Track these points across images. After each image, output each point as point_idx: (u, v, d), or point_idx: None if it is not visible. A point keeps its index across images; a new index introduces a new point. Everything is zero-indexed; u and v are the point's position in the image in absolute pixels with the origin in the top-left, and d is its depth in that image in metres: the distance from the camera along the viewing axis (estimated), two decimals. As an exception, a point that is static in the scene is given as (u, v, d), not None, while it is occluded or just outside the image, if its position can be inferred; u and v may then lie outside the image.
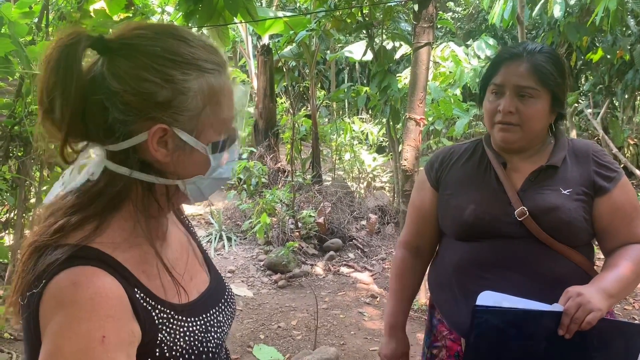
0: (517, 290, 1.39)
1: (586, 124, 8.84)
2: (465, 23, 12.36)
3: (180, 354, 0.86)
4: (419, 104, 4.07)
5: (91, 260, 0.78)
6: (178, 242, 0.99)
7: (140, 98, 0.80)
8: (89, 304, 0.75)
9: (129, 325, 0.79)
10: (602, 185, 1.44)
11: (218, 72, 0.86)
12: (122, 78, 0.80)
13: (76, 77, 0.78)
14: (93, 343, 0.73)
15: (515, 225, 1.44)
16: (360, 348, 3.68)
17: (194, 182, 0.88)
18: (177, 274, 0.91)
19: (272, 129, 7.70)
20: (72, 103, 0.79)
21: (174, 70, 0.81)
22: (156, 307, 0.84)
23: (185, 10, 3.54)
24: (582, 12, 6.97)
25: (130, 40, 0.82)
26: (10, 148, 3.71)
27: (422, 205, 1.66)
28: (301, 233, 5.69)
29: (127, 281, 0.81)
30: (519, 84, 1.43)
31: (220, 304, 0.99)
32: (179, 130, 0.83)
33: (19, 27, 3.08)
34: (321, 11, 5.55)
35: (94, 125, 0.82)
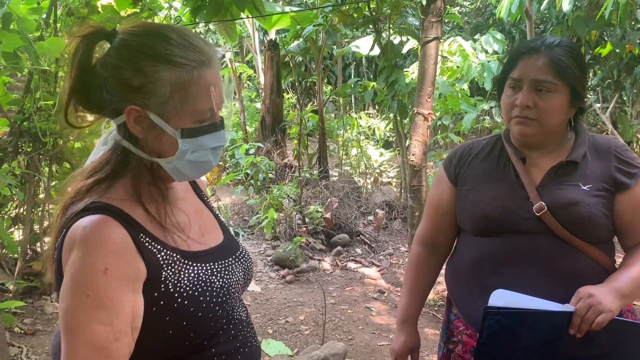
0: (535, 286, 1.38)
1: (595, 118, 8.78)
2: (472, 17, 12.29)
3: (184, 290, 0.99)
4: (427, 98, 4.05)
5: (100, 210, 0.95)
6: (194, 208, 1.17)
7: (119, 83, 0.98)
8: (94, 241, 0.91)
9: (132, 262, 0.94)
10: (623, 182, 1.42)
11: (192, 67, 0.99)
12: (107, 67, 0.99)
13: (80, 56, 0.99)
14: (97, 274, 0.89)
15: (533, 221, 1.42)
16: (368, 343, 3.69)
17: (170, 162, 1.02)
18: (185, 227, 1.07)
19: (279, 125, 7.70)
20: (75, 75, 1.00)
21: (144, 62, 0.97)
22: (161, 250, 0.99)
23: (193, 6, 3.54)
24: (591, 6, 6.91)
25: (123, 35, 1.00)
26: (19, 144, 3.73)
27: (440, 201, 1.64)
28: (308, 228, 5.69)
29: (131, 226, 0.97)
30: (537, 78, 1.42)
31: (231, 259, 1.14)
32: (150, 113, 0.99)
33: (28, 23, 3.09)
34: (328, 6, 5.53)
35: (94, 99, 1.02)
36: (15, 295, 3.70)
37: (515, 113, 1.45)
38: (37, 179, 3.86)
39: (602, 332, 1.30)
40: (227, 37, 4.13)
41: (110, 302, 0.89)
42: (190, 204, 1.17)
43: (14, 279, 3.72)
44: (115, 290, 0.89)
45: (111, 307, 0.89)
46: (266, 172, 6.84)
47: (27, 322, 3.56)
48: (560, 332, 1.32)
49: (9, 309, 3.39)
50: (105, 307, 0.88)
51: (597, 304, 1.28)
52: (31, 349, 3.28)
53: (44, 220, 3.94)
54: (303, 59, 7.65)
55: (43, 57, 3.21)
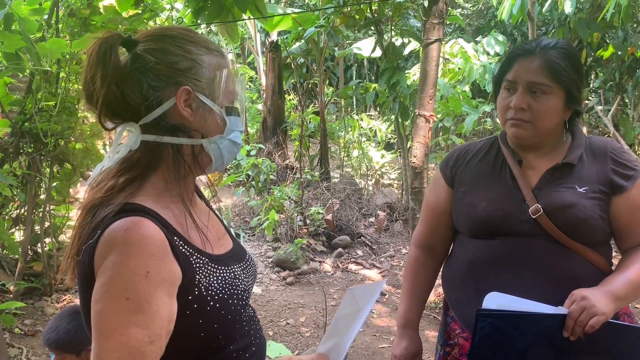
0: (531, 289, 1.38)
1: (597, 121, 8.77)
2: (474, 19, 12.29)
3: (215, 293, 1.00)
4: (429, 100, 4.05)
5: (137, 212, 0.94)
6: (203, 210, 1.18)
7: (167, 67, 1.01)
8: (136, 244, 0.90)
9: (170, 266, 0.93)
10: (619, 184, 1.42)
11: (222, 56, 1.08)
12: (152, 52, 1.01)
13: (113, 57, 0.98)
14: (138, 277, 0.88)
15: (529, 223, 1.42)
16: (369, 345, 3.68)
17: (215, 141, 1.06)
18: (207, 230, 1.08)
19: (280, 126, 7.70)
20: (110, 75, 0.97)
21: (190, 46, 1.03)
22: (193, 254, 1.00)
23: (194, 7, 3.55)
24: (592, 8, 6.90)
25: (153, 33, 1.05)
26: (20, 144, 3.73)
27: (437, 204, 1.64)
28: (309, 230, 5.68)
29: (167, 229, 0.96)
30: (531, 80, 1.41)
31: (243, 262, 1.15)
32: (199, 94, 1.03)
33: (29, 23, 3.10)
34: (330, 7, 5.54)
35: (130, 97, 1.00)
36: (16, 296, 3.70)
37: (510, 115, 1.45)
38: (38, 179, 3.86)
39: (596, 335, 1.29)
40: (228, 39, 4.13)
41: (148, 306, 0.88)
42: (204, 208, 1.19)
43: (14, 279, 3.72)
44: (153, 294, 0.89)
45: (149, 310, 0.88)
46: (267, 173, 6.84)
47: (28, 323, 3.56)
48: (554, 334, 1.32)
49: (10, 309, 3.39)
50: (144, 311, 0.88)
51: (590, 306, 1.27)
52: (31, 350, 3.28)
53: (44, 221, 3.94)
54: (305, 61, 7.64)
55: (44, 57, 3.21)
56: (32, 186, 3.82)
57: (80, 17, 3.73)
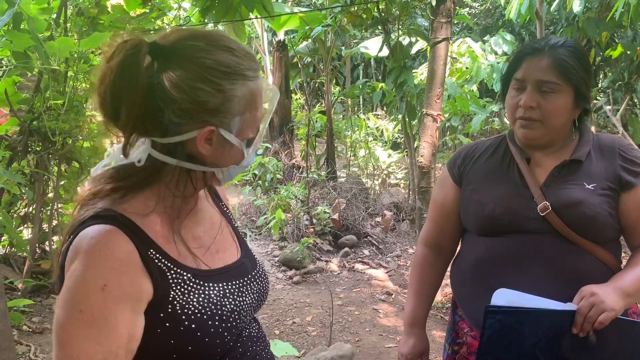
0: (540, 286, 1.37)
1: (605, 120, 8.72)
2: (482, 19, 12.25)
3: (192, 312, 0.93)
4: (437, 99, 4.04)
5: (109, 220, 0.90)
6: (210, 219, 1.10)
7: (194, 105, 0.91)
8: (97, 255, 0.86)
9: (136, 280, 0.88)
10: (628, 180, 1.41)
11: (257, 77, 0.97)
12: (180, 88, 0.89)
13: (140, 85, 0.88)
14: (94, 289, 0.84)
15: (538, 221, 1.41)
16: (376, 345, 3.67)
17: (228, 169, 1.00)
18: (202, 244, 1.02)
19: (287, 125, 7.70)
20: (137, 109, 0.89)
21: (224, 80, 0.92)
22: (171, 269, 0.94)
23: (202, 6, 3.55)
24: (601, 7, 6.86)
25: (185, 51, 0.92)
26: (29, 143, 3.75)
27: (444, 202, 1.64)
28: (316, 229, 5.68)
29: (140, 241, 0.91)
30: (540, 79, 1.41)
31: (247, 278, 1.08)
32: (224, 131, 0.94)
33: (38, 22, 3.11)
34: (337, 6, 5.53)
35: (150, 124, 0.92)
36: (24, 294, 3.72)
37: (519, 114, 1.44)
38: (46, 178, 3.88)
39: (606, 331, 1.29)
40: (235, 38, 4.13)
41: (104, 321, 0.84)
42: (207, 216, 1.10)
43: (22, 277, 3.74)
44: (110, 308, 0.84)
45: (104, 325, 0.84)
46: (274, 172, 6.85)
47: (36, 321, 3.58)
48: (563, 331, 1.31)
49: (18, 307, 3.41)
50: (98, 325, 0.84)
51: (599, 302, 1.27)
52: (39, 347, 3.29)
53: (52, 219, 3.96)
54: (311, 60, 7.64)
55: (53, 56, 3.22)
56: (40, 184, 3.84)
57: (89, 16, 3.75)
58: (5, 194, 3.82)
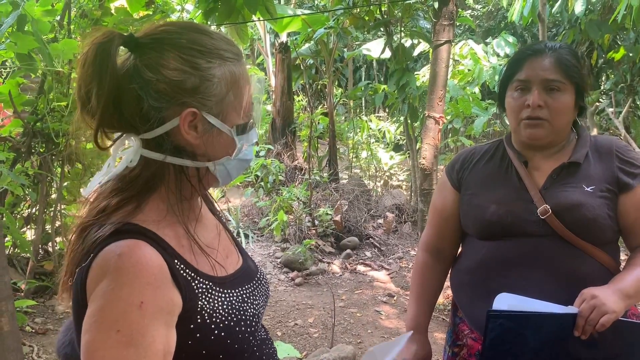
0: (541, 289, 1.37)
1: (607, 123, 8.71)
2: (484, 21, 12.25)
3: (220, 321, 0.91)
4: (439, 102, 4.04)
5: (134, 234, 0.86)
6: (212, 224, 1.08)
7: (171, 85, 0.88)
8: (130, 271, 0.81)
9: (168, 293, 0.85)
10: (626, 182, 1.42)
11: (237, 61, 0.95)
12: (154, 68, 0.88)
13: (110, 70, 0.86)
14: (131, 307, 0.80)
15: (538, 224, 1.42)
16: (377, 346, 3.67)
17: (222, 163, 0.96)
18: (213, 250, 0.99)
19: (289, 127, 7.71)
20: (107, 93, 0.86)
21: (200, 59, 0.90)
22: (195, 278, 0.91)
23: (205, 8, 3.56)
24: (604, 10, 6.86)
25: (159, 35, 0.91)
26: (32, 144, 3.76)
27: (444, 207, 1.65)
28: (318, 231, 5.69)
29: (167, 252, 0.88)
30: (547, 78, 1.43)
31: (254, 282, 1.07)
32: (207, 114, 0.91)
33: (42, 24, 3.13)
34: (339, 9, 5.54)
35: (130, 114, 0.89)
36: (27, 295, 3.73)
37: (526, 114, 1.45)
38: (49, 179, 3.89)
39: (607, 333, 1.29)
40: (238, 40, 4.14)
41: (142, 339, 0.80)
42: (212, 224, 1.08)
43: (25, 278, 3.76)
44: (147, 326, 0.81)
45: (141, 343, 0.80)
46: (276, 174, 6.86)
47: (39, 322, 3.59)
48: (565, 334, 1.31)
49: (21, 308, 3.42)
50: (136, 344, 0.80)
51: (600, 304, 1.27)
52: (42, 348, 3.30)
53: (55, 220, 3.97)
54: (314, 62, 7.66)
55: (57, 58, 3.24)
56: (43, 186, 3.85)
57: (92, 18, 3.77)
58: (9, 195, 3.83)
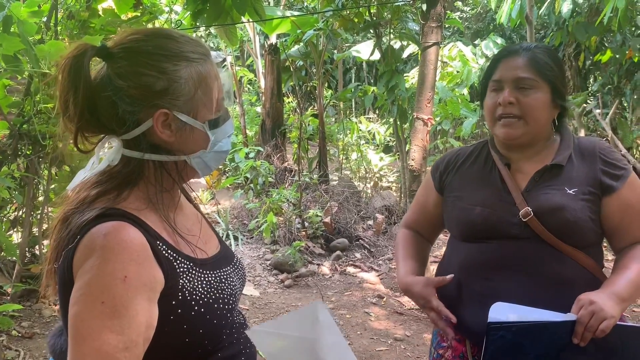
0: (523, 292, 1.38)
1: (595, 124, 8.79)
2: (473, 23, 12.32)
3: (200, 298, 0.99)
4: (427, 103, 4.06)
5: (118, 217, 0.94)
6: (193, 214, 1.17)
7: (141, 90, 0.96)
8: (115, 248, 0.89)
9: (151, 270, 0.92)
10: (609, 185, 1.42)
11: (203, 60, 1.02)
12: (124, 76, 0.96)
13: (84, 81, 0.95)
14: (115, 280, 0.87)
15: (520, 226, 1.42)
16: (367, 348, 3.68)
17: (199, 156, 1.04)
18: (193, 236, 1.07)
19: (279, 129, 7.70)
20: (81, 101, 0.96)
21: (166, 63, 0.98)
22: (177, 259, 0.99)
23: (193, 10, 3.55)
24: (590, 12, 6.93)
25: (127, 44, 0.99)
26: (19, 146, 3.73)
27: (425, 204, 1.70)
28: (308, 232, 5.68)
29: (149, 234, 0.95)
30: (517, 76, 1.44)
31: (231, 265, 1.15)
32: (178, 113, 0.99)
33: (28, 26, 3.10)
34: (329, 10, 5.55)
35: (106, 119, 0.98)
36: (13, 298, 3.69)
37: (499, 112, 1.46)
38: (36, 181, 3.86)
39: (608, 338, 1.28)
40: (227, 41, 4.14)
41: (125, 311, 0.87)
42: (192, 212, 1.18)
43: (12, 281, 3.72)
44: (131, 299, 0.88)
45: (125, 315, 0.87)
46: (266, 176, 6.85)
47: (25, 325, 3.55)
48: (564, 342, 1.31)
49: (7, 312, 3.38)
50: (119, 316, 0.86)
51: (599, 310, 1.26)
52: (29, 352, 3.27)
53: (42, 223, 3.94)
54: (304, 63, 7.66)
55: (43, 60, 3.21)
56: (30, 188, 3.82)
57: (79, 20, 3.74)
58: (-5, 198, 3.79)
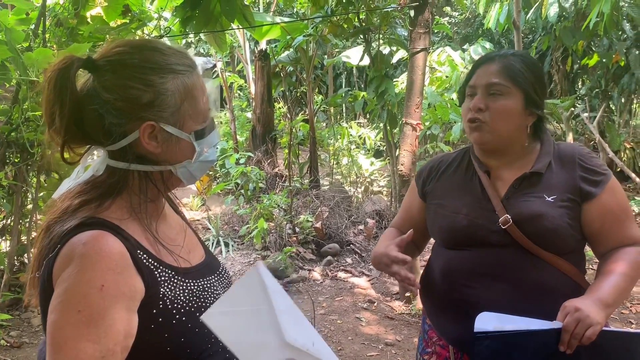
0: (503, 299, 1.38)
1: (583, 127, 8.87)
2: (461, 28, 12.40)
3: (181, 306, 1.00)
4: (416, 109, 4.08)
5: (98, 226, 0.94)
6: (177, 223, 1.18)
7: (128, 103, 0.97)
8: (93, 257, 0.89)
9: (130, 280, 0.92)
10: (589, 191, 1.42)
11: (190, 72, 1.03)
12: (111, 89, 0.96)
13: (70, 94, 0.95)
14: (92, 289, 0.87)
15: (499, 234, 1.43)
16: (358, 353, 3.68)
17: (184, 166, 1.05)
18: (176, 245, 1.08)
19: (269, 134, 7.71)
20: (68, 114, 0.96)
21: (152, 75, 0.98)
22: (158, 267, 0.99)
23: (183, 17, 3.55)
24: (577, 16, 7.00)
25: (113, 57, 0.99)
26: (7, 154, 3.70)
27: (410, 209, 1.71)
28: (299, 238, 5.68)
29: (129, 243, 0.96)
30: (489, 82, 1.45)
31: (216, 274, 1.15)
32: (165, 125, 1.00)
33: (16, 33, 3.09)
34: (318, 17, 5.57)
35: (93, 131, 0.99)
36: (2, 308, 3.67)
37: (469, 116, 1.47)
38: (24, 189, 3.84)
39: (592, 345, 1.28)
40: (217, 48, 4.14)
41: (102, 320, 0.87)
42: (176, 222, 1.18)
43: (0, 290, 3.69)
44: (108, 308, 0.88)
45: (102, 324, 0.87)
46: (256, 181, 6.84)
47: (14, 335, 3.53)
48: (551, 350, 1.30)
49: (-5, 321, 3.36)
50: (96, 325, 0.86)
51: (584, 317, 1.26)
52: (17, 362, 3.25)
53: (31, 231, 3.91)
54: (294, 69, 7.68)
55: (31, 68, 3.20)
56: (18, 196, 3.79)
57: (68, 27, 3.73)
58: (-17, 207, 3.77)
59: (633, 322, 4.10)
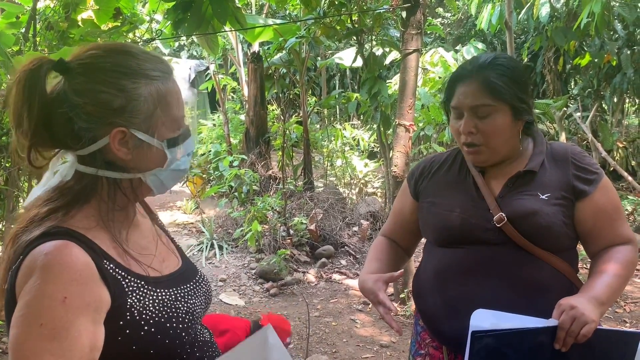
0: (498, 297, 1.39)
1: (575, 127, 8.90)
2: (454, 28, 12.44)
3: (150, 317, 0.97)
4: (408, 110, 4.08)
5: (62, 235, 0.91)
6: (150, 231, 1.14)
7: (99, 107, 0.95)
8: (56, 268, 0.86)
9: (95, 290, 0.90)
10: (582, 189, 1.43)
11: (164, 78, 1.01)
12: (81, 92, 0.94)
13: (39, 96, 0.93)
14: (55, 302, 0.84)
15: (494, 232, 1.43)
16: (353, 355, 3.67)
17: (154, 174, 1.02)
18: (148, 254, 1.06)
19: (263, 136, 7.69)
20: (36, 116, 0.93)
21: (125, 80, 0.96)
22: (126, 277, 0.96)
23: (174, 19, 3.54)
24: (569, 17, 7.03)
25: (85, 59, 0.96)
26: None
27: (402, 211, 1.70)
28: (293, 240, 5.67)
29: (95, 253, 0.93)
30: (473, 104, 1.42)
31: (192, 283, 1.12)
32: (136, 131, 0.97)
33: (6, 37, 3.07)
34: (310, 18, 5.56)
35: (61, 134, 0.96)
36: (-6, 313, 3.63)
37: (462, 140, 1.47)
38: (16, 194, 3.81)
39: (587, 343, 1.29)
40: (209, 50, 4.13)
41: (65, 333, 0.84)
42: (149, 229, 1.15)
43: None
44: (71, 321, 0.85)
45: (65, 338, 0.84)
46: (250, 184, 6.82)
47: (6, 341, 3.50)
48: (546, 348, 1.31)
49: (-13, 327, 3.33)
50: (59, 338, 0.83)
51: (580, 315, 1.27)
52: (9, 368, 3.22)
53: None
54: (287, 71, 7.66)
55: (21, 71, 3.18)
56: (9, 201, 3.76)
57: (58, 30, 3.71)
58: (-26, 212, 3.74)
59: (627, 321, 4.11)
